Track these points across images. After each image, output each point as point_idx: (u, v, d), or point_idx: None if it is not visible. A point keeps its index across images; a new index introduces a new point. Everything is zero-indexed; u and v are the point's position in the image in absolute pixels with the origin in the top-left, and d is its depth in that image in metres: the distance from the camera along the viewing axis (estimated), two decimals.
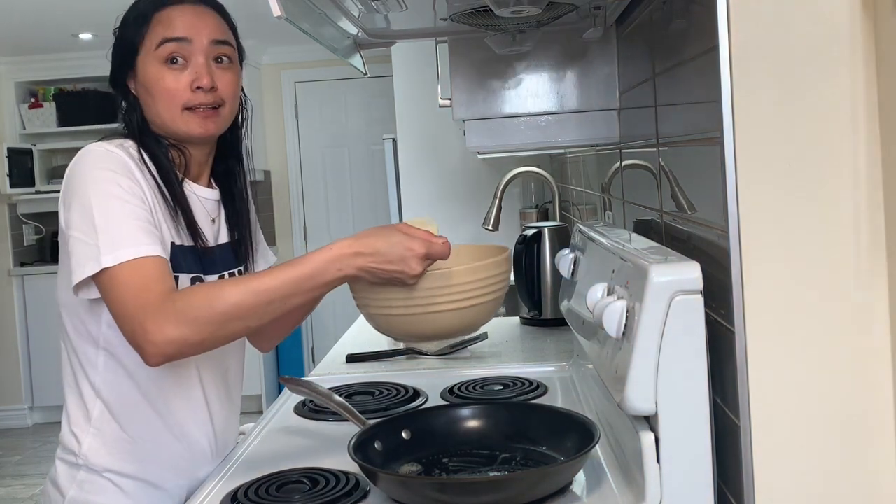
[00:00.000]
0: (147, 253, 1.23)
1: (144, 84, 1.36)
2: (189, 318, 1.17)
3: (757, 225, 1.02)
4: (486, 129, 1.88)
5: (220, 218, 1.46)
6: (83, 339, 1.35)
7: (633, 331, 1.09)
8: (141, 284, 1.20)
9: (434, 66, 2.15)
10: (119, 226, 1.24)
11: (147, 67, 1.35)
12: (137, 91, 1.38)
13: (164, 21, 1.34)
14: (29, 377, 6.20)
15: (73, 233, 1.25)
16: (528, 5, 1.35)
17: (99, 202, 1.25)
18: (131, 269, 1.21)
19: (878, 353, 1.01)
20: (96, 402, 1.35)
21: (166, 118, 1.35)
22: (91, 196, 1.25)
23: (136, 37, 1.36)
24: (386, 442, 1.31)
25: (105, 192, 1.26)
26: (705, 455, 1.09)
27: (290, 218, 6.68)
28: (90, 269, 1.23)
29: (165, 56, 1.33)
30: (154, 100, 1.35)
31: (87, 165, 1.29)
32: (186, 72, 1.33)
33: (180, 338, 1.17)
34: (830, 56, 1.00)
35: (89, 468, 1.35)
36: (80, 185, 1.27)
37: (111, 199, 1.25)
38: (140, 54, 1.35)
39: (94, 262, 1.22)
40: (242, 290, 1.20)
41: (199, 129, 1.35)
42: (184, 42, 1.33)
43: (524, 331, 2.40)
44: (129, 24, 1.38)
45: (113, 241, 1.22)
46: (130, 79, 1.38)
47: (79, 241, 1.24)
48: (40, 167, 6.18)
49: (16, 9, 4.79)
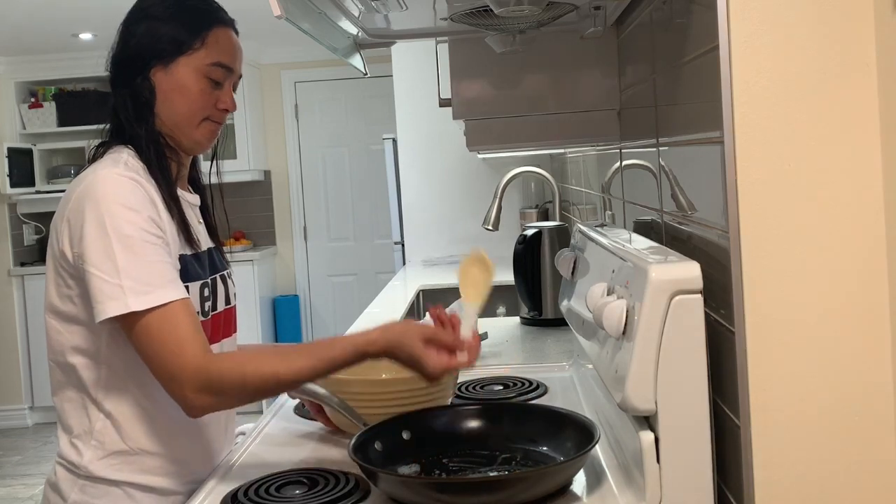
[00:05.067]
0: (174, 297, 1.26)
1: (178, 83, 1.38)
2: (222, 392, 1.26)
3: (757, 225, 1.02)
4: (486, 129, 1.88)
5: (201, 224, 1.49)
6: (83, 355, 1.34)
7: (633, 331, 1.09)
8: (175, 347, 1.24)
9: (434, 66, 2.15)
10: (142, 267, 1.25)
11: (189, 73, 1.38)
12: (160, 84, 1.38)
13: (222, 42, 1.41)
14: (29, 377, 6.19)
15: (89, 268, 1.25)
16: (528, 5, 1.35)
17: (119, 238, 1.25)
18: (162, 322, 1.24)
19: (879, 353, 1.01)
20: (98, 416, 1.34)
21: (184, 122, 1.39)
22: (109, 231, 1.25)
23: (189, 38, 1.38)
24: (386, 442, 1.31)
25: (123, 230, 1.25)
26: (705, 455, 1.09)
27: (290, 218, 6.68)
28: (114, 310, 1.23)
29: (213, 77, 1.40)
30: (182, 101, 1.38)
31: (100, 197, 1.27)
32: (217, 91, 1.41)
33: (217, 405, 1.28)
34: (830, 56, 1.00)
35: (91, 476, 1.34)
36: (93, 217, 1.26)
37: (131, 237, 1.25)
38: (185, 55, 1.38)
39: (119, 302, 1.23)
40: (272, 374, 1.28)
41: (209, 140, 1.44)
42: (229, 71, 1.42)
43: (524, 331, 2.40)
44: (181, 21, 1.38)
45: (138, 283, 1.24)
46: (157, 68, 1.38)
47: (97, 278, 1.24)
48: (40, 167, 6.17)
49: (16, 9, 4.79)
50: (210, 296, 1.41)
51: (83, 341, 1.33)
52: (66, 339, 1.34)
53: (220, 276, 1.47)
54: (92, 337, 1.32)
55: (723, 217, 1.06)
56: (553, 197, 3.24)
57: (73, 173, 5.97)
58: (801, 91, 1.01)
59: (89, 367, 1.34)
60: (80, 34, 5.52)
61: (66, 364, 1.35)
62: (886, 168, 0.99)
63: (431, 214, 4.34)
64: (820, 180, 1.01)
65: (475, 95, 1.87)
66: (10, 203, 6.24)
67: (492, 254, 1.42)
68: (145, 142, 1.36)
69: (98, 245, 1.25)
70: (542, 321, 2.42)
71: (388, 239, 5.11)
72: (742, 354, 1.03)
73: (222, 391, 1.25)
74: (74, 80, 6.19)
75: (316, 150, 6.65)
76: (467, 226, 4.21)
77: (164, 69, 1.38)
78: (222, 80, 1.41)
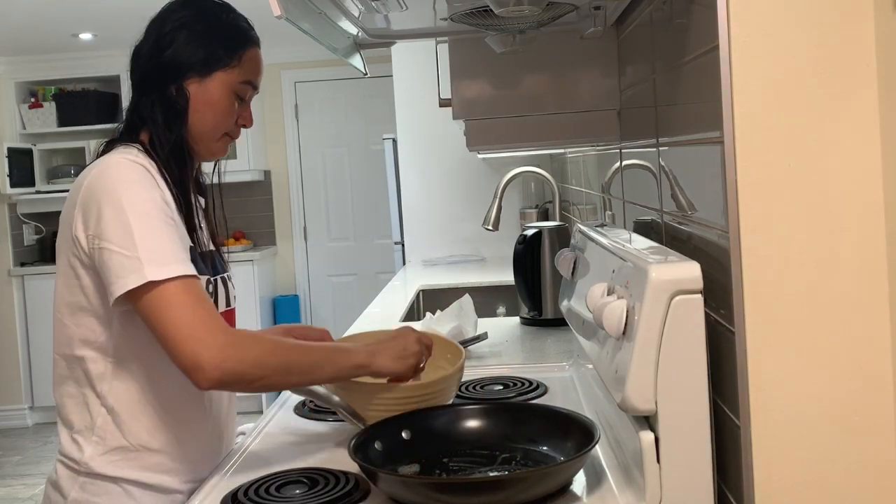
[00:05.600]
0: (189, 272, 1.26)
1: (211, 97, 1.41)
2: (252, 357, 1.25)
3: (757, 225, 1.02)
4: (486, 129, 1.88)
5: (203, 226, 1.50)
6: (90, 347, 1.34)
7: (633, 330, 1.10)
8: (203, 312, 1.24)
9: (434, 66, 2.15)
10: (159, 241, 1.26)
11: (222, 88, 1.42)
12: (193, 94, 1.40)
13: (255, 62, 1.46)
14: (29, 377, 6.20)
15: (107, 245, 1.25)
16: (528, 5, 1.35)
17: (136, 214, 1.26)
18: (183, 290, 1.24)
19: (879, 353, 1.01)
20: (100, 411, 1.35)
21: (209, 134, 1.44)
22: (126, 207, 1.26)
23: (229, 55, 1.42)
24: (386, 442, 1.31)
25: (141, 205, 1.27)
26: (705, 455, 1.09)
27: (290, 218, 6.68)
28: (133, 282, 1.23)
29: (241, 94, 1.45)
30: (211, 114, 1.42)
31: (116, 179, 1.29)
32: (241, 108, 1.47)
33: (240, 371, 1.23)
34: (830, 56, 1.00)
35: (91, 473, 1.35)
36: (109, 197, 1.27)
37: (148, 214, 1.27)
38: (221, 71, 1.41)
39: (137, 274, 1.23)
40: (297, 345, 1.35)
41: (223, 153, 1.50)
42: (255, 90, 1.49)
43: (524, 331, 2.40)
44: (224, 37, 1.42)
45: (156, 255, 1.24)
46: (193, 79, 1.40)
47: (115, 254, 1.24)
48: (40, 167, 6.17)
49: (16, 9, 4.79)
50: (212, 295, 1.42)
51: (92, 333, 1.34)
52: (74, 332, 1.35)
53: (220, 278, 1.47)
54: (101, 328, 1.33)
55: (723, 217, 1.06)
56: (553, 197, 3.24)
57: (73, 173, 5.98)
58: (801, 91, 1.01)
59: (96, 361, 1.34)
60: (80, 34, 5.52)
61: (72, 357, 1.36)
62: (886, 168, 0.99)
63: (431, 214, 4.34)
64: (820, 180, 1.01)
65: (475, 95, 1.87)
66: (10, 203, 6.24)
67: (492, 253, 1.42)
68: (171, 148, 1.38)
69: (115, 222, 1.26)
70: (542, 321, 2.42)
71: (388, 239, 5.11)
72: (742, 354, 1.03)
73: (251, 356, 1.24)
74: (74, 80, 6.19)
75: (316, 150, 6.65)
76: (467, 226, 4.20)
77: (200, 81, 1.41)
78: (246, 98, 1.46)
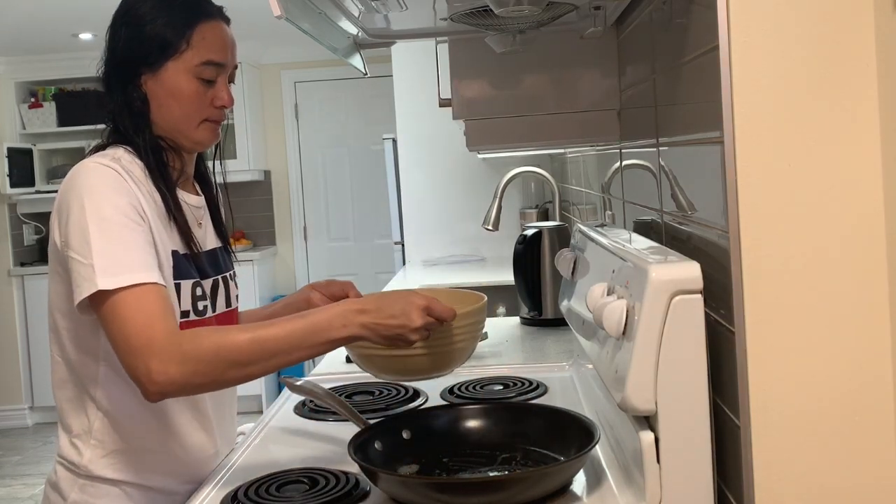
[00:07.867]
0: (146, 280, 1.22)
1: (170, 88, 1.36)
2: (195, 362, 1.18)
3: (757, 225, 1.02)
4: (486, 129, 1.88)
5: (206, 224, 1.48)
6: (83, 352, 1.34)
7: (633, 331, 1.09)
8: (145, 321, 1.19)
9: (434, 66, 2.15)
10: (115, 248, 1.23)
11: (179, 75, 1.36)
12: (151, 90, 1.36)
13: (209, 39, 1.37)
14: (29, 377, 6.20)
15: (69, 252, 1.25)
16: (528, 5, 1.35)
17: (94, 222, 1.24)
18: (132, 300, 1.20)
19: (879, 353, 1.01)
20: (97, 414, 1.34)
21: (182, 125, 1.38)
22: (87, 215, 1.24)
23: (173, 40, 1.35)
24: (386, 442, 1.31)
25: (101, 213, 1.24)
26: (705, 455, 1.09)
27: (290, 218, 6.68)
28: (86, 290, 1.21)
29: (204, 76, 1.37)
30: (177, 106, 1.36)
31: (82, 183, 1.27)
32: (212, 89, 1.38)
33: (183, 380, 1.18)
34: (830, 56, 1.00)
35: (91, 476, 1.35)
36: (75, 203, 1.26)
37: (107, 221, 1.24)
38: (173, 59, 1.35)
39: (90, 283, 1.21)
40: (249, 339, 1.20)
41: (212, 139, 1.42)
42: (221, 67, 1.39)
43: (524, 331, 2.40)
44: (163, 23, 1.35)
45: (109, 263, 1.21)
46: (146, 75, 1.36)
47: (75, 261, 1.24)
48: (40, 167, 6.17)
49: (16, 9, 4.79)
50: (205, 295, 1.40)
51: (83, 337, 1.33)
52: (66, 335, 1.35)
53: (222, 277, 1.46)
54: (91, 333, 1.32)
55: (723, 217, 1.06)
56: (553, 197, 3.24)
57: None
58: (801, 91, 1.01)
59: (88, 364, 1.34)
60: (80, 34, 5.52)
61: (67, 360, 1.36)
62: (886, 168, 0.99)
63: (431, 214, 4.34)
64: (820, 180, 1.01)
65: (475, 95, 1.87)
66: (10, 203, 6.24)
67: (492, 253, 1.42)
68: (143, 150, 1.35)
69: (76, 228, 1.24)
70: (542, 321, 2.42)
71: (388, 239, 5.12)
72: (742, 354, 1.03)
73: (193, 363, 1.18)
74: (74, 80, 6.19)
75: (316, 150, 6.65)
76: (467, 226, 4.20)
77: (153, 75, 1.36)
78: (215, 78, 1.38)
